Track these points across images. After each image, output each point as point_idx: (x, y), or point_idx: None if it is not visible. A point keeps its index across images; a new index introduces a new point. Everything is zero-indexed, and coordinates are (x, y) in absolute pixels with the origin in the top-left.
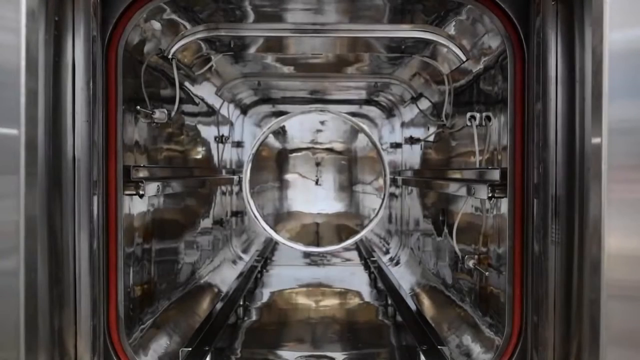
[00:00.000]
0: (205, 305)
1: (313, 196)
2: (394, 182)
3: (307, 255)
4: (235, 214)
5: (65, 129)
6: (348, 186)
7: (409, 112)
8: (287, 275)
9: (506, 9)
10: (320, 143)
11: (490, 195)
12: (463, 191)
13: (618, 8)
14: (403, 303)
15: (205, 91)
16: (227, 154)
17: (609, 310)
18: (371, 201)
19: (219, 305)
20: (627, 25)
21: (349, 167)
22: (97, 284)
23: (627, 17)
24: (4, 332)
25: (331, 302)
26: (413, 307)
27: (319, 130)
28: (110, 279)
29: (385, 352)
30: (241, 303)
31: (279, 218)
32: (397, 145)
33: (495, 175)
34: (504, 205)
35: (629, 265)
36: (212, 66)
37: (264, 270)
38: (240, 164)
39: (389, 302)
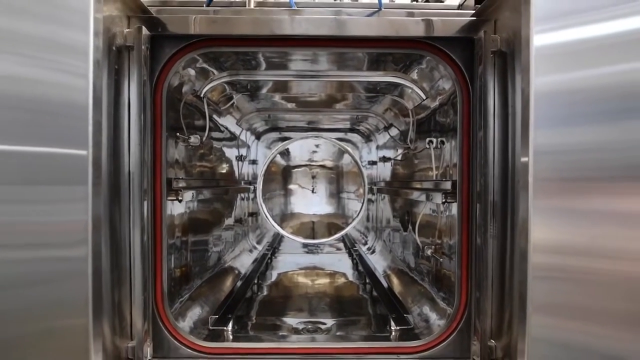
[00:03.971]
0: (228, 283)
1: (309, 201)
2: (371, 190)
3: (305, 245)
4: (251, 214)
5: (123, 150)
6: (336, 194)
7: (383, 138)
8: (290, 261)
9: (456, 59)
10: (315, 161)
11: (443, 200)
12: (423, 197)
13: (541, 60)
14: (378, 282)
15: (228, 121)
16: (245, 169)
17: (533, 288)
18: (354, 205)
19: (238, 284)
20: (549, 73)
21: (337, 180)
22: (146, 267)
23: (548, 66)
24: (78, 305)
25: (323, 281)
26: (385, 285)
27: (314, 151)
28: (157, 264)
29: (364, 319)
30: (255, 282)
31: (284, 218)
32: (373, 163)
33: (448, 185)
34: (454, 208)
35: (549, 253)
36: (233, 103)
37: (273, 257)
38: (254, 177)
39: (367, 281)
